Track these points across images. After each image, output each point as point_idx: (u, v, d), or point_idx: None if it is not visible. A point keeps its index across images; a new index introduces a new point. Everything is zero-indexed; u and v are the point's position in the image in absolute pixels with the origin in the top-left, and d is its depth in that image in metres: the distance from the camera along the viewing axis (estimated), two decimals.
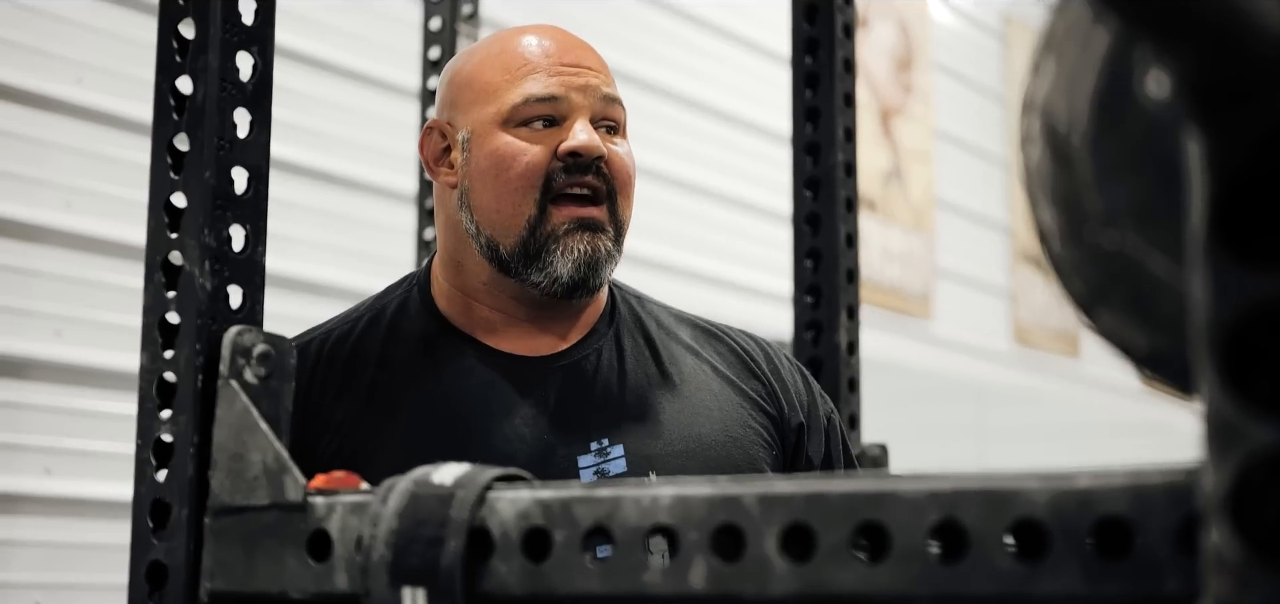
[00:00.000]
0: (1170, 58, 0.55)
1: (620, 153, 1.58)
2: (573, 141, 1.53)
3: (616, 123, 1.59)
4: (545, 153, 1.53)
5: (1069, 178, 0.73)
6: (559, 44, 1.59)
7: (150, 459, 1.16)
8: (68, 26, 2.74)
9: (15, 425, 2.61)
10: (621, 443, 1.53)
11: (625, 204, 1.58)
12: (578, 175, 1.54)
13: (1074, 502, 0.80)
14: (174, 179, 1.20)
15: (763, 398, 1.62)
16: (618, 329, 1.63)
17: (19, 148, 2.65)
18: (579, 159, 1.53)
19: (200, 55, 1.20)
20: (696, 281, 4.05)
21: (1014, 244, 5.61)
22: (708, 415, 1.58)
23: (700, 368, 1.62)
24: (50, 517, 2.63)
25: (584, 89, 1.56)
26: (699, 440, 1.55)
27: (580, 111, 1.55)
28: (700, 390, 1.60)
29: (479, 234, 1.56)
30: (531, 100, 1.54)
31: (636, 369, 1.59)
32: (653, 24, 4.16)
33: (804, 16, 2.08)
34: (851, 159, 2.07)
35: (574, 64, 1.57)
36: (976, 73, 5.55)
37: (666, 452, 1.53)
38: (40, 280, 2.66)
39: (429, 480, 1.03)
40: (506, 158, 1.54)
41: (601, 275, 1.55)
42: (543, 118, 1.55)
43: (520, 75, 1.56)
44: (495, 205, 1.54)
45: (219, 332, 1.15)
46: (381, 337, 1.59)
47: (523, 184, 1.53)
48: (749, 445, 1.57)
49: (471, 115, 1.58)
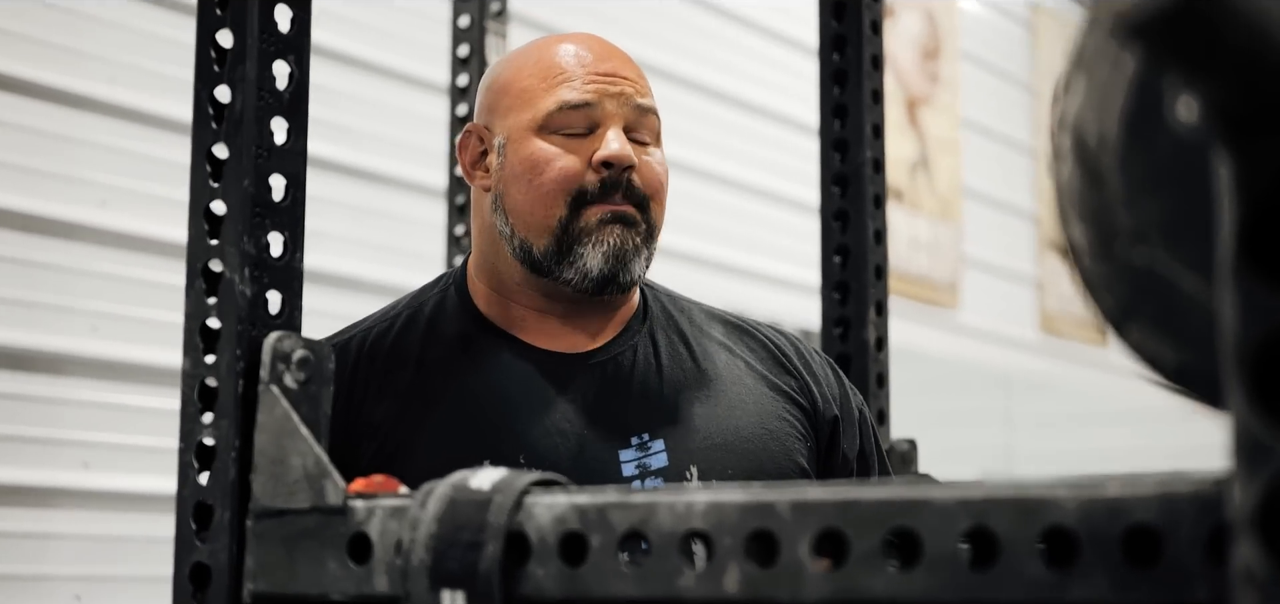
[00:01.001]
0: (1199, 87, 0.56)
1: (653, 162, 1.60)
2: (605, 150, 1.55)
3: (651, 130, 1.61)
4: (579, 161, 1.56)
5: (1099, 194, 0.74)
6: (595, 52, 1.61)
7: (193, 462, 1.18)
8: (101, 26, 2.76)
9: (53, 420, 2.63)
10: (661, 438, 1.55)
11: (658, 210, 1.61)
12: (610, 190, 1.56)
13: (1104, 510, 0.81)
14: (213, 187, 1.21)
15: (796, 392, 1.64)
16: (651, 326, 1.65)
17: (54, 147, 2.67)
18: (611, 169, 1.55)
19: (238, 65, 1.21)
20: (725, 273, 4.06)
21: (1041, 233, 5.60)
22: (744, 409, 1.59)
23: (734, 363, 1.64)
24: (88, 510, 2.66)
25: (618, 97, 1.59)
26: (737, 434, 1.57)
27: (613, 120, 1.58)
28: (735, 385, 1.62)
29: (512, 236, 1.59)
30: (565, 107, 1.57)
31: (673, 365, 1.62)
32: (681, 17, 4.17)
33: (832, 13, 2.09)
34: (879, 156, 2.08)
35: (609, 73, 1.60)
36: (1003, 62, 5.53)
37: (706, 446, 1.55)
38: (77, 277, 2.68)
39: (467, 485, 1.05)
40: (540, 163, 1.56)
41: (631, 270, 1.57)
42: (576, 124, 1.57)
43: (555, 82, 1.58)
44: (528, 208, 1.57)
45: (259, 337, 1.16)
46: (420, 335, 1.61)
47: (555, 189, 1.56)
48: (785, 438, 1.59)
49: (508, 121, 1.60)
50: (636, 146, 1.59)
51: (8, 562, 2.56)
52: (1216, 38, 0.52)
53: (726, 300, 1.77)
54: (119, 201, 2.74)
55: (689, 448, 1.55)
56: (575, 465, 1.50)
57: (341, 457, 1.38)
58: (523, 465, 1.48)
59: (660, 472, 1.53)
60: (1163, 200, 0.71)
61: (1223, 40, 0.52)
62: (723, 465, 1.55)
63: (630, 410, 1.57)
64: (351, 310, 2.28)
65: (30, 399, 2.61)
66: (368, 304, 3.00)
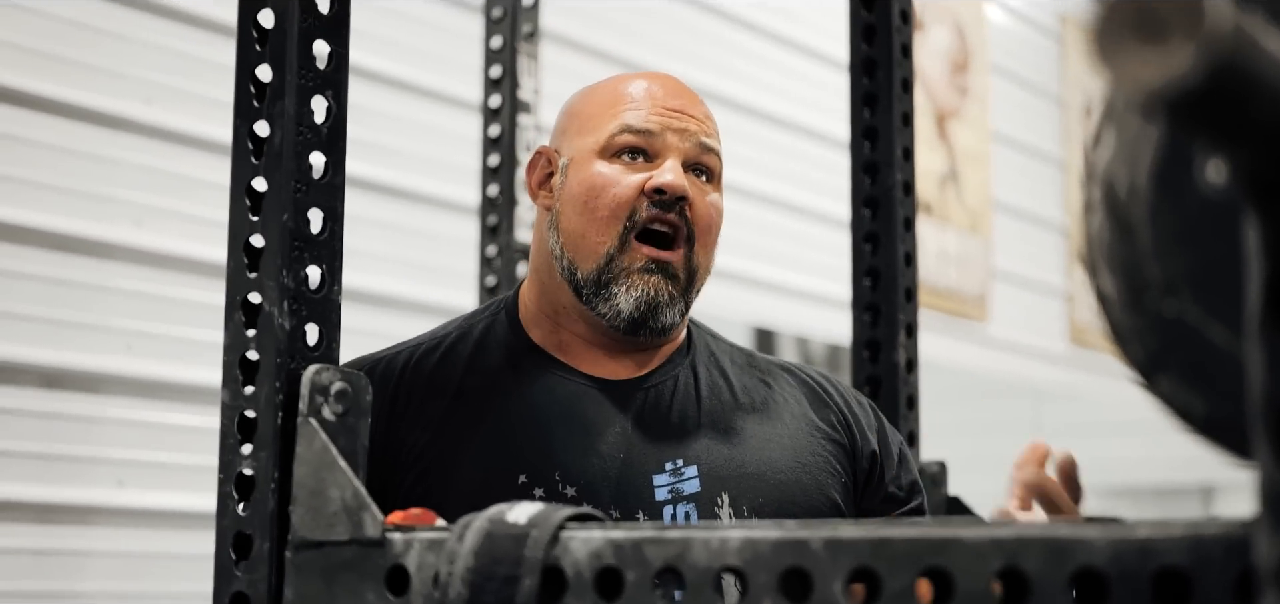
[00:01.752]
0: (1227, 154, 0.57)
1: (707, 200, 1.62)
2: (659, 178, 1.58)
3: (711, 172, 1.64)
4: (634, 187, 1.59)
5: (1129, 246, 0.75)
6: (666, 88, 1.65)
7: (232, 492, 1.19)
8: (137, 47, 2.77)
9: (88, 438, 2.64)
10: (695, 464, 1.57)
11: (703, 251, 1.63)
12: (659, 211, 1.58)
13: (1134, 551, 0.82)
14: (253, 220, 1.22)
15: (834, 427, 1.66)
16: (694, 359, 1.68)
17: (90, 167, 2.68)
18: (663, 196, 1.58)
19: (277, 100, 1.22)
20: (754, 288, 4.07)
21: (1070, 245, 5.59)
22: (779, 443, 1.62)
23: (772, 399, 1.67)
24: (123, 527, 2.67)
25: (681, 132, 1.62)
26: (770, 465, 1.59)
27: (673, 152, 1.61)
28: (773, 420, 1.64)
29: (562, 256, 1.61)
30: (626, 131, 1.60)
31: (711, 396, 1.64)
32: (710, 32, 4.17)
33: (862, 36, 2.10)
34: (909, 178, 2.09)
35: (677, 109, 1.63)
36: (1032, 74, 5.51)
37: (739, 474, 1.57)
38: (112, 296, 2.69)
39: (504, 519, 1.06)
40: (597, 186, 1.59)
41: (662, 319, 1.60)
42: (636, 150, 1.60)
43: (621, 109, 1.62)
44: (581, 230, 1.60)
45: (297, 370, 1.18)
46: (467, 356, 1.63)
47: (609, 213, 1.59)
48: (819, 472, 1.62)
49: (574, 143, 1.64)
50: (694, 181, 1.62)
51: (43, 579, 2.57)
52: (1243, 112, 0.53)
53: (758, 315, 1.79)
54: (154, 221, 2.76)
55: (721, 476, 1.57)
56: (611, 488, 1.52)
57: (382, 473, 1.41)
58: (559, 485, 1.51)
59: (692, 498, 1.55)
60: (1192, 253, 0.72)
61: (1249, 113, 0.53)
62: (754, 494, 1.57)
63: (667, 437, 1.59)
64: (383, 328, 2.30)
65: (65, 417, 2.62)
66: (400, 321, 3.04)
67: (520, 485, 1.52)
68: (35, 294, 2.60)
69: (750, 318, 4.09)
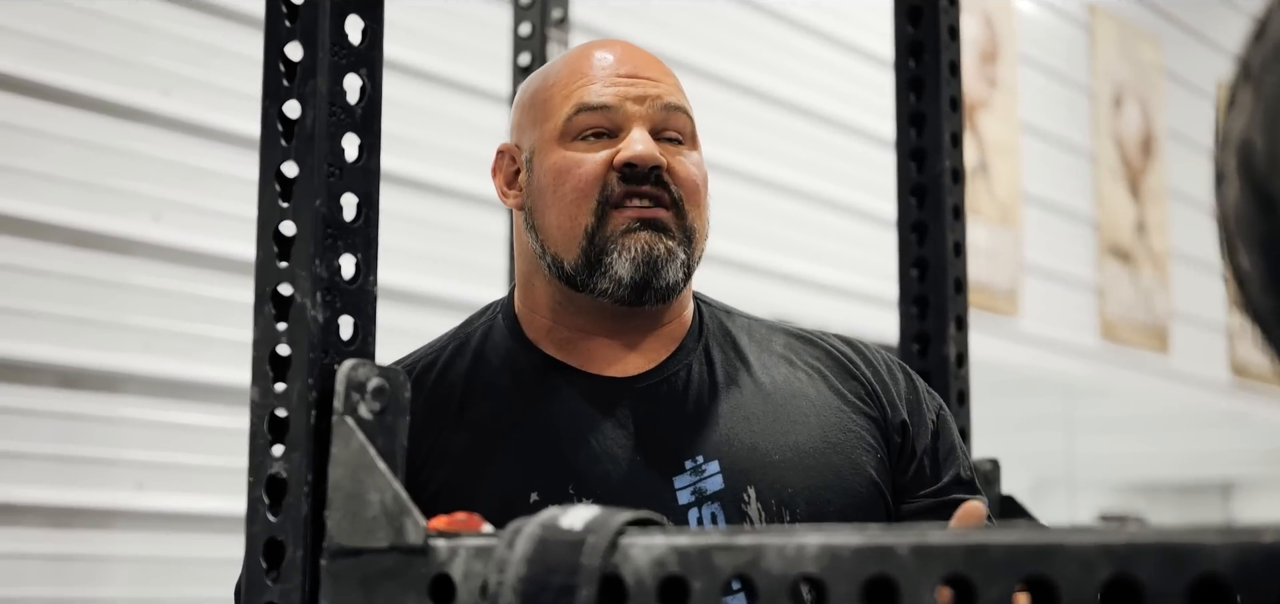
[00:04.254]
0: None
1: (686, 161, 1.53)
2: (627, 151, 1.49)
3: (680, 133, 1.54)
4: (601, 164, 1.50)
5: (1271, 220, 0.67)
6: (618, 56, 1.56)
7: (263, 496, 1.13)
8: (154, 36, 2.74)
9: (107, 440, 2.62)
10: (716, 459, 1.48)
11: (695, 212, 1.53)
12: (634, 185, 1.49)
13: (1261, 558, 0.74)
14: (283, 207, 1.16)
15: (862, 398, 1.56)
16: (706, 343, 1.58)
17: (108, 160, 2.66)
18: (634, 169, 1.49)
19: (309, 79, 1.16)
20: (796, 286, 4.00)
21: (1101, 238, 5.51)
22: (805, 422, 1.52)
23: (794, 375, 1.57)
24: (143, 531, 2.64)
25: (641, 99, 1.52)
26: (796, 449, 1.50)
27: (637, 121, 1.51)
28: (795, 397, 1.54)
29: (545, 253, 1.53)
30: (584, 109, 1.51)
31: (728, 382, 1.55)
32: (748, 26, 4.12)
33: (907, 19, 2.03)
34: (958, 165, 2.02)
35: (630, 74, 1.53)
36: (1061, 64, 5.45)
37: (764, 463, 1.48)
38: (130, 293, 2.67)
39: (558, 525, 1.00)
40: (562, 172, 1.51)
41: (665, 276, 1.50)
42: (597, 128, 1.51)
43: (574, 89, 1.53)
44: (556, 221, 1.51)
45: (331, 365, 1.12)
46: (467, 366, 1.55)
47: (578, 195, 1.50)
48: (850, 449, 1.52)
49: (533, 134, 1.56)
50: (667, 146, 1.52)
51: (61, 585, 2.54)
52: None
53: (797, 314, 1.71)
54: (173, 215, 2.73)
55: (745, 468, 1.48)
56: (627, 494, 1.43)
57: None
58: (574, 499, 1.43)
59: (716, 496, 1.46)
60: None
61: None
62: (782, 485, 1.47)
63: (684, 433, 1.50)
64: (411, 325, 2.23)
65: (83, 418, 2.60)
66: (427, 318, 2.99)
67: (532, 504, 1.43)
68: (51, 291, 2.58)
69: (789, 314, 4.03)
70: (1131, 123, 5.73)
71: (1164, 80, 6.00)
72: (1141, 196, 5.74)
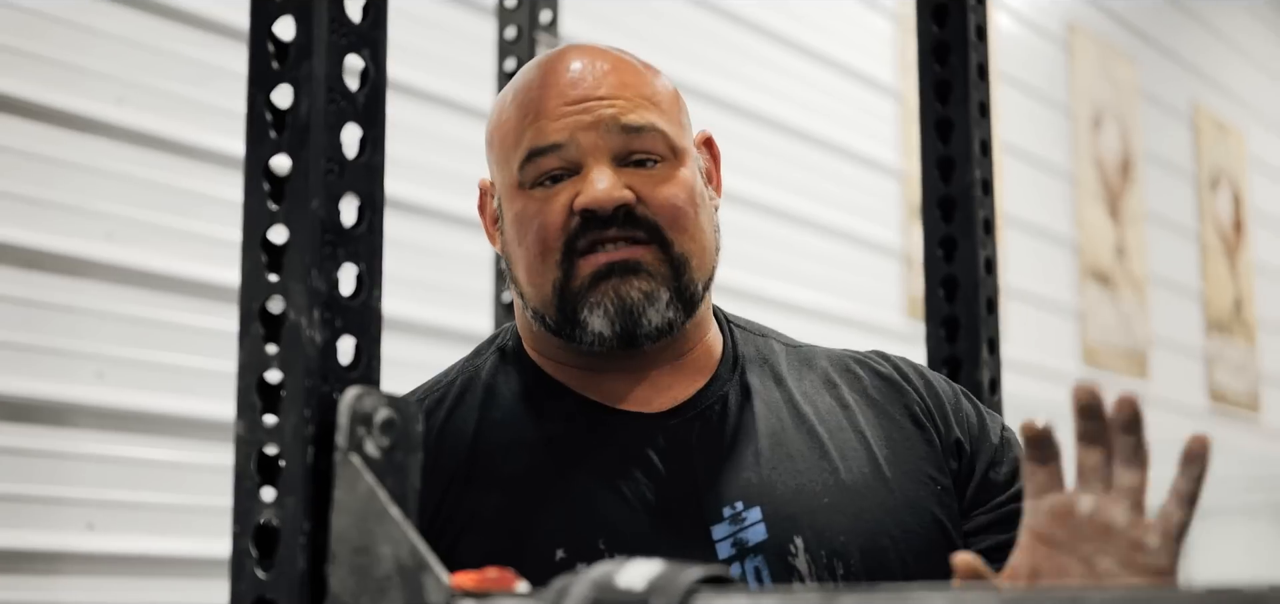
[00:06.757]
0: None
1: (660, 185, 1.36)
2: (583, 197, 1.34)
3: (650, 152, 1.37)
4: (560, 212, 1.35)
5: None
6: (569, 77, 1.38)
7: (250, 549, 0.98)
8: (106, 41, 2.66)
9: (56, 476, 2.51)
10: (758, 505, 1.33)
11: (681, 237, 1.36)
12: (598, 232, 1.34)
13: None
14: (272, 209, 1.01)
15: (917, 424, 1.41)
16: (742, 373, 1.43)
17: (57, 174, 2.56)
18: (594, 214, 1.34)
19: (303, 61, 1.03)
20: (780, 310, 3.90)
21: (1082, 261, 5.40)
22: (855, 458, 1.37)
23: (839, 404, 1.42)
24: (94, 575, 2.53)
25: (595, 126, 1.35)
26: (847, 490, 1.35)
27: (594, 155, 1.35)
28: (841, 430, 1.39)
29: (527, 306, 1.40)
30: (534, 155, 1.36)
31: (768, 416, 1.39)
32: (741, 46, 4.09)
33: (932, 18, 1.89)
34: (988, 175, 1.88)
35: (581, 99, 1.37)
36: (1041, 83, 5.37)
37: (811, 508, 1.33)
38: (81, 318, 2.57)
39: (613, 584, 0.85)
40: (522, 225, 1.37)
41: (650, 320, 1.35)
42: (552, 172, 1.36)
43: (523, 131, 1.38)
44: (526, 277, 1.39)
45: (331, 394, 0.97)
46: (479, 404, 1.41)
47: (541, 249, 1.36)
48: (907, 486, 1.36)
49: (498, 177, 1.43)
50: (634, 173, 1.36)
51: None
52: None
53: None
54: (128, 234, 2.63)
55: (791, 515, 1.32)
56: (660, 548, 1.25)
57: None
58: (605, 555, 1.28)
59: (759, 548, 1.31)
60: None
61: None
62: (833, 534, 1.32)
63: (722, 476, 1.35)
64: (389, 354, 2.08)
65: (30, 453, 2.50)
66: (410, 346, 2.85)
67: (559, 561, 1.28)
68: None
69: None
70: (1110, 144, 5.64)
71: (1141, 101, 5.93)
72: (1121, 219, 5.65)
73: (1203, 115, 6.37)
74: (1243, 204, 6.65)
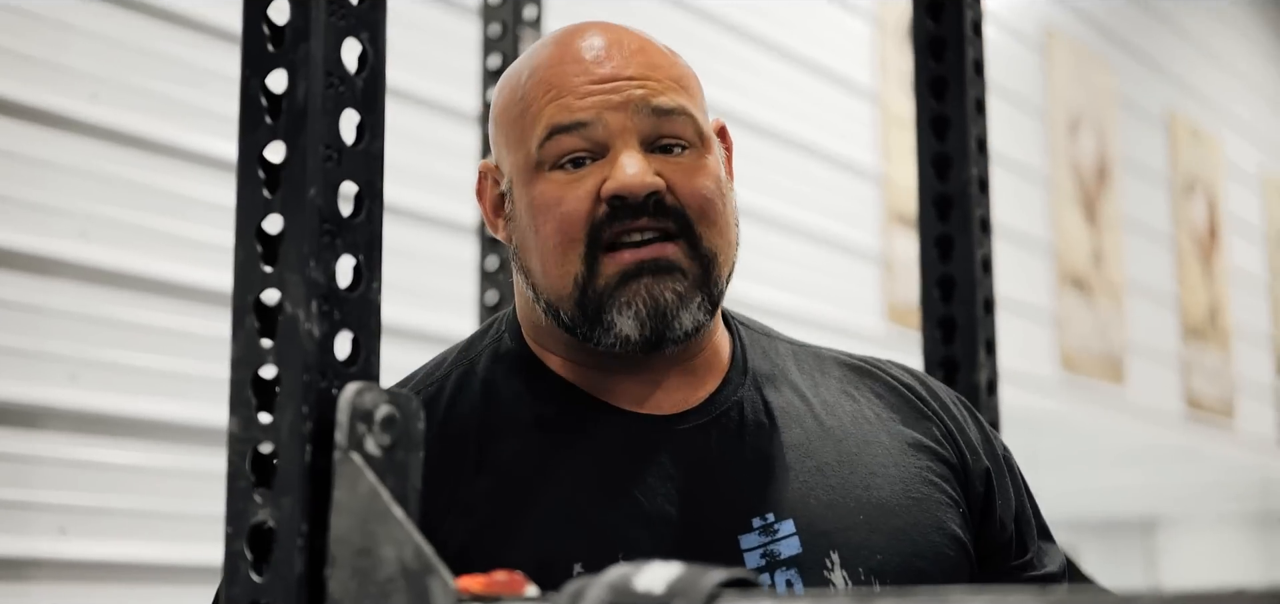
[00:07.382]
0: None
1: (690, 174, 1.29)
2: (614, 182, 1.25)
3: (680, 138, 1.29)
4: (586, 198, 1.26)
5: None
6: (595, 52, 1.29)
7: (245, 551, 0.94)
8: (80, 37, 2.64)
9: (26, 481, 2.50)
10: (790, 518, 1.27)
11: (710, 232, 1.28)
12: (628, 221, 1.26)
13: None
14: (267, 198, 0.97)
15: (937, 442, 1.36)
16: (755, 375, 1.36)
17: (28, 171, 2.55)
18: (625, 202, 1.25)
19: (300, 43, 0.98)
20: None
21: (1059, 267, 5.39)
22: (884, 474, 1.32)
23: (861, 415, 1.36)
24: (65, 582, 2.52)
25: (624, 106, 1.27)
26: (880, 507, 1.29)
27: (623, 137, 1.27)
28: (868, 444, 1.34)
29: (538, 298, 1.31)
30: (557, 132, 1.27)
31: (790, 422, 1.33)
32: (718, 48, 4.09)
33: (927, 12, 1.86)
34: (985, 173, 1.86)
35: (610, 77, 1.28)
36: (1019, 87, 5.38)
37: (846, 524, 1.28)
38: (52, 319, 2.55)
39: (630, 587, 0.81)
40: (541, 210, 1.27)
41: (681, 323, 1.27)
42: (576, 153, 1.27)
43: (544, 107, 1.28)
44: (541, 267, 1.29)
45: (330, 390, 0.93)
46: (478, 399, 1.33)
47: (562, 239, 1.26)
48: (934, 506, 1.32)
49: (509, 160, 1.32)
50: (664, 159, 1.28)
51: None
52: None
53: None
54: (101, 232, 2.61)
55: (825, 529, 1.27)
56: (684, 554, 1.19)
57: None
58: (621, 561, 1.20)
59: (793, 561, 1.25)
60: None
61: None
62: (870, 550, 1.27)
63: (747, 484, 1.29)
64: None
65: (0, 457, 2.49)
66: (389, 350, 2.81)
67: (576, 575, 1.21)
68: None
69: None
70: (1087, 150, 5.64)
71: (1118, 107, 5.93)
72: (1097, 225, 5.65)
73: (1178, 122, 6.38)
74: (1217, 211, 6.67)
